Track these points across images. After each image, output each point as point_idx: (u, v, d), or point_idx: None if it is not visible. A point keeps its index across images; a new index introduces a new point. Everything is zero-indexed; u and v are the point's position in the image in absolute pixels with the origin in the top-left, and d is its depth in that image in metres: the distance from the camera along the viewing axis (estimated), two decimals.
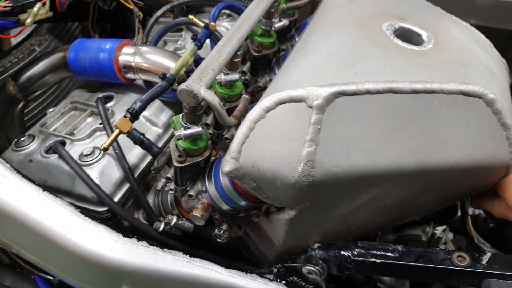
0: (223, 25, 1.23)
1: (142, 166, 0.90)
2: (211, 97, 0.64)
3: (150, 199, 0.87)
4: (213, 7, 1.04)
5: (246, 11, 0.84)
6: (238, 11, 1.12)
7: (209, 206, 0.76)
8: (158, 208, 0.86)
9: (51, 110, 0.98)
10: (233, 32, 0.77)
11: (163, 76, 0.81)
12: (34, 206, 0.73)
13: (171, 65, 0.92)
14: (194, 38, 0.87)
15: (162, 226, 0.81)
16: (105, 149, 0.74)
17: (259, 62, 1.00)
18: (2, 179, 0.74)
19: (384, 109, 0.60)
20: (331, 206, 0.69)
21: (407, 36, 0.77)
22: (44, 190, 0.75)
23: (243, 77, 0.97)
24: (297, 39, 1.12)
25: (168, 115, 0.98)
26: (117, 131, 0.75)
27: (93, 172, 0.82)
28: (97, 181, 0.81)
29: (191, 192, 0.76)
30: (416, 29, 0.77)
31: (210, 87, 0.88)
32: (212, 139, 0.82)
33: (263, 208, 0.77)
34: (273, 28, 0.96)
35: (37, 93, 1.04)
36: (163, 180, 0.79)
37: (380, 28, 0.75)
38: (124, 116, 0.77)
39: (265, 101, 0.62)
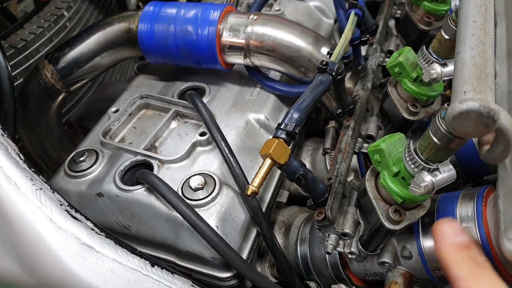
0: None
1: (267, 198, 0.60)
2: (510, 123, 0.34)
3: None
4: None
5: None
6: None
7: (411, 278, 0.48)
8: (305, 263, 0.57)
9: (113, 109, 0.66)
10: None
11: (325, 67, 0.51)
12: None
13: (303, 43, 0.61)
14: (353, 4, 0.56)
15: None
16: (255, 194, 0.45)
17: (421, 41, 0.69)
18: (73, 245, 0.44)
19: None
20: None
21: None
22: (153, 265, 0.45)
23: None
24: None
25: None
26: (268, 162, 0.45)
27: (212, 218, 0.52)
28: (219, 232, 0.51)
29: (387, 259, 0.48)
30: None
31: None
32: None
33: None
34: None
35: (84, 82, 0.72)
36: (333, 237, 0.50)
37: None
38: (275, 137, 0.47)
39: None
